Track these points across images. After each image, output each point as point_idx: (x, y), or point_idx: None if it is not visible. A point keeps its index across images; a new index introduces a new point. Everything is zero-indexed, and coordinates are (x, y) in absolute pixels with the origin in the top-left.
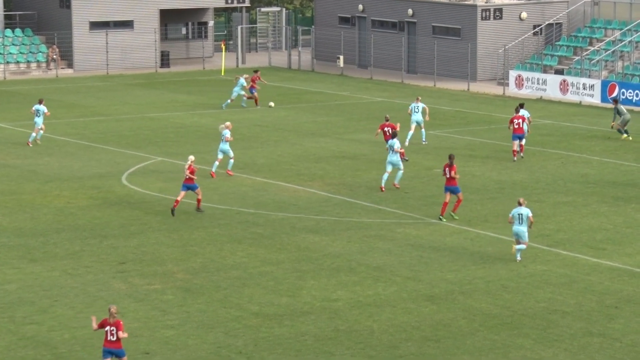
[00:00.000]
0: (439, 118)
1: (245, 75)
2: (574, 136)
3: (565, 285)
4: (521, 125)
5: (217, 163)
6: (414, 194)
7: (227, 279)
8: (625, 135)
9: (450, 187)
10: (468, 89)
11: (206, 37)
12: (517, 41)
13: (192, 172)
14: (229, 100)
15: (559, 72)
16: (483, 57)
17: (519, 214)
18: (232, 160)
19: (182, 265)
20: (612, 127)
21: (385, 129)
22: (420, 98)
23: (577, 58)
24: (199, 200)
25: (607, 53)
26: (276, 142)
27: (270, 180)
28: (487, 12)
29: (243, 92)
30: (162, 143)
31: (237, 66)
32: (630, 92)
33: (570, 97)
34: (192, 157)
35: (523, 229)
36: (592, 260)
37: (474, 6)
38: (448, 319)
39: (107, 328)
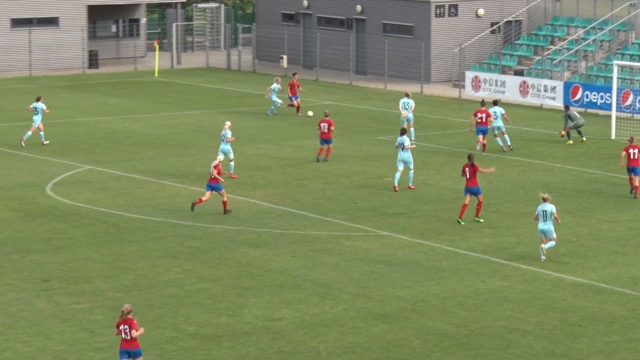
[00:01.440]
0: (391, 122)
1: (276, 78)
2: (535, 142)
3: (525, 302)
4: (484, 120)
5: (232, 163)
6: (363, 204)
7: (161, 297)
8: (570, 140)
9: (472, 188)
10: (421, 91)
11: (138, 35)
12: (473, 40)
13: (219, 172)
14: (272, 107)
15: (518, 73)
16: (437, 57)
17: (543, 211)
18: (232, 163)
19: (112, 283)
20: (562, 135)
21: (322, 124)
22: (410, 94)
23: (537, 58)
24: (224, 203)
25: (569, 53)
26: (215, 148)
27: None
28: (442, 9)
29: (278, 100)
30: (91, 150)
31: (172, 67)
32: (594, 95)
33: (531, 99)
34: (220, 157)
35: (549, 227)
36: (554, 275)
37: (428, 2)
38: (400, 339)
39: (121, 327)
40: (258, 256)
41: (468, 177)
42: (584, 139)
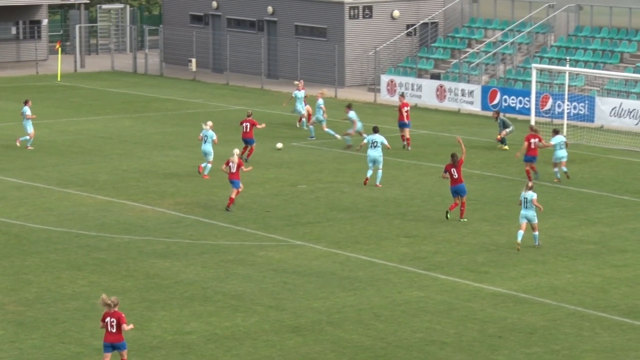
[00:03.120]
0: (303, 128)
1: (297, 83)
2: (453, 147)
3: (443, 313)
4: (408, 115)
5: (209, 165)
6: (277, 213)
7: (65, 311)
8: (506, 146)
9: (457, 187)
10: (335, 96)
11: (40, 37)
12: (389, 42)
13: (239, 165)
14: (304, 119)
15: (435, 76)
16: (352, 60)
17: (524, 198)
18: (209, 165)
19: (13, 296)
20: (498, 140)
21: (244, 124)
22: (324, 92)
23: (454, 61)
24: (231, 200)
25: (487, 56)
26: (121, 155)
27: (114, 199)
28: (356, 10)
29: (301, 109)
30: None
31: (75, 70)
32: (513, 99)
33: (448, 104)
34: (237, 151)
35: (531, 212)
36: (473, 285)
37: (341, 3)
38: (315, 352)
39: (107, 320)
40: (167, 267)
41: (456, 176)
42: (506, 147)
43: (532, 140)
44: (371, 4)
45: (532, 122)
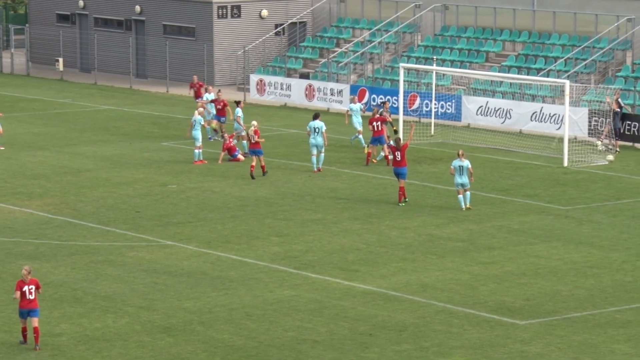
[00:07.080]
0: (173, 128)
1: (352, 97)
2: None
3: (315, 312)
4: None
5: (198, 151)
6: (147, 213)
7: None
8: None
9: (398, 169)
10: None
11: None
12: (257, 42)
13: (258, 135)
14: (357, 134)
15: (304, 76)
16: (221, 59)
17: (459, 166)
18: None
19: None
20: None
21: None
22: (210, 88)
23: (323, 60)
24: (263, 167)
25: (355, 55)
26: None
27: None
28: (224, 10)
29: (358, 125)
30: None
31: None
32: (381, 98)
33: (317, 103)
34: (255, 123)
35: (466, 179)
36: (343, 284)
37: (209, 3)
38: (187, 352)
39: (26, 288)
40: (36, 269)
41: (399, 159)
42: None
43: (375, 123)
44: (239, 4)
45: (401, 121)
